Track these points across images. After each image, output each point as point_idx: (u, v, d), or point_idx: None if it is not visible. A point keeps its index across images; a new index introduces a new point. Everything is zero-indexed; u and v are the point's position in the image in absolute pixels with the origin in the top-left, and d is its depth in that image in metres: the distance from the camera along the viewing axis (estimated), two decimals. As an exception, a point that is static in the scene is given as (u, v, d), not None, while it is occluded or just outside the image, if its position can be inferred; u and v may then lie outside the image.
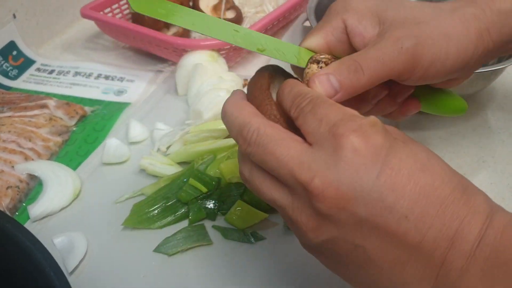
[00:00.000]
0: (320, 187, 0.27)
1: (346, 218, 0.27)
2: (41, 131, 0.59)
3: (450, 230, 0.26)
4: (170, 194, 0.50)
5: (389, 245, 0.27)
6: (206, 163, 0.52)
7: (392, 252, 0.27)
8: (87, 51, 0.81)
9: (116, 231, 0.49)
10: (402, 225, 0.27)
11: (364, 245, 0.28)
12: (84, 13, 0.74)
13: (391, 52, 0.34)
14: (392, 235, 0.27)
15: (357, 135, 0.27)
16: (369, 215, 0.27)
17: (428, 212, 0.27)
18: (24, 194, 0.53)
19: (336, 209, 0.27)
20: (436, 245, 0.26)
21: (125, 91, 0.70)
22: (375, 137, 0.28)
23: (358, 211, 0.27)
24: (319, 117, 0.29)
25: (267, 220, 0.49)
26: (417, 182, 0.27)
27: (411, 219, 0.27)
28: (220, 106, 0.57)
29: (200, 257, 0.46)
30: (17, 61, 0.75)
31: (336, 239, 0.29)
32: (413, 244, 0.27)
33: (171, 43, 0.67)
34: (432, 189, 0.27)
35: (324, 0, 0.71)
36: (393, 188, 0.27)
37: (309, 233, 0.29)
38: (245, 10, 0.85)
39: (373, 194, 0.27)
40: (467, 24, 0.36)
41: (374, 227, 0.27)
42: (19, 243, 0.33)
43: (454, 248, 0.26)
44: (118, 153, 0.56)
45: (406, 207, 0.27)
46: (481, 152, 0.58)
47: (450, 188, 0.27)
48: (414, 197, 0.27)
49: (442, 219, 0.26)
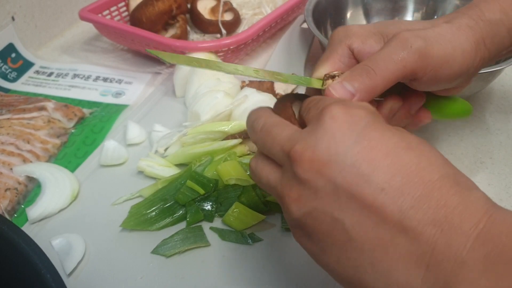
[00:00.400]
0: (298, 151, 0.29)
1: (323, 185, 0.28)
2: (39, 133, 0.59)
3: (437, 215, 0.26)
4: (168, 196, 0.50)
5: (368, 220, 0.27)
6: (203, 165, 0.52)
7: (372, 230, 0.27)
8: (86, 53, 0.81)
9: (114, 232, 0.49)
10: (379, 197, 0.27)
11: (343, 219, 0.28)
12: (82, 15, 0.74)
13: (401, 50, 0.35)
14: (370, 208, 0.27)
15: (339, 106, 0.29)
16: (344, 182, 0.27)
17: (409, 191, 0.26)
18: (22, 196, 0.53)
19: (312, 172, 0.28)
20: (421, 229, 0.26)
21: (123, 93, 0.70)
22: (356, 110, 0.29)
23: (334, 176, 0.28)
24: (319, 107, 0.31)
25: (264, 221, 0.49)
26: (398, 159, 0.27)
27: (389, 192, 0.26)
28: (217, 108, 0.58)
29: (198, 259, 0.46)
30: (16, 64, 0.76)
31: (315, 211, 0.29)
32: (393, 222, 0.26)
33: (169, 45, 0.67)
34: (416, 169, 0.27)
35: (322, 2, 0.71)
36: (368, 159, 0.27)
37: (292, 205, 0.30)
38: (243, 12, 0.85)
39: (347, 161, 0.27)
40: (464, 33, 0.37)
41: (351, 197, 0.27)
42: (15, 246, 0.33)
43: (445, 236, 0.25)
44: (116, 155, 0.56)
45: (383, 180, 0.27)
46: (479, 154, 0.58)
47: (438, 173, 0.27)
48: (392, 171, 0.27)
49: (426, 202, 0.26)
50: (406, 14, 0.77)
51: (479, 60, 0.38)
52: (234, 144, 0.54)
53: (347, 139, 0.28)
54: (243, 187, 0.50)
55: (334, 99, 0.31)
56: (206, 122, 0.57)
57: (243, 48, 0.71)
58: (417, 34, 0.36)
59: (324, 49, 0.66)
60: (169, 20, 0.76)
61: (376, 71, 0.35)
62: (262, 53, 0.80)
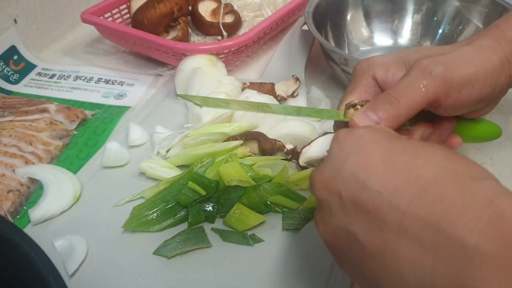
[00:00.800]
0: (312, 177, 0.32)
1: (334, 200, 0.30)
2: (41, 135, 0.59)
3: (433, 210, 0.25)
4: (169, 197, 0.50)
5: (373, 225, 0.27)
6: (205, 166, 0.53)
7: (378, 235, 0.27)
8: (88, 56, 0.82)
9: (116, 234, 0.49)
10: (377, 201, 0.27)
11: (354, 231, 0.29)
12: (84, 18, 0.75)
13: (422, 78, 0.36)
14: (371, 213, 0.27)
15: (344, 130, 0.32)
16: (347, 192, 0.29)
17: (404, 190, 0.27)
18: (25, 197, 0.54)
19: (323, 190, 0.31)
20: (420, 226, 0.25)
21: (125, 95, 0.71)
22: (357, 130, 0.31)
23: (338, 189, 0.29)
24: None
25: (265, 222, 0.49)
26: (393, 162, 0.28)
27: (384, 194, 0.27)
28: (219, 109, 0.58)
29: (199, 260, 0.46)
30: (18, 66, 0.76)
31: (335, 229, 0.30)
32: (393, 222, 0.26)
33: (171, 47, 0.68)
34: (411, 168, 0.27)
35: (322, 4, 0.71)
36: (364, 166, 0.28)
37: (319, 228, 0.32)
38: (244, 14, 0.85)
39: (347, 172, 0.29)
40: (486, 54, 0.38)
41: (355, 205, 0.28)
42: (17, 247, 0.33)
43: (445, 231, 0.24)
44: (118, 157, 0.57)
45: (378, 183, 0.27)
46: (479, 155, 0.58)
47: (434, 170, 0.27)
48: (387, 174, 0.27)
49: (422, 198, 0.26)
50: (406, 16, 0.77)
51: (504, 78, 0.38)
52: (235, 146, 0.54)
53: (347, 153, 0.30)
54: (244, 188, 0.50)
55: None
56: (208, 123, 0.57)
57: (244, 50, 0.71)
58: (437, 60, 0.36)
59: (324, 51, 0.67)
60: (170, 22, 0.77)
61: (399, 99, 0.35)
62: (263, 55, 0.80)
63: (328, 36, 0.74)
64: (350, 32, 0.77)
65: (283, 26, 0.83)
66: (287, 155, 0.55)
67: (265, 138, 0.55)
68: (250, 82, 0.65)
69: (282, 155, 0.55)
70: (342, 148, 0.30)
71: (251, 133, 0.56)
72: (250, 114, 0.57)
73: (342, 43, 0.76)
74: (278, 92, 0.63)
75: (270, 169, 0.53)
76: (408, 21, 0.77)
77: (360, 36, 0.78)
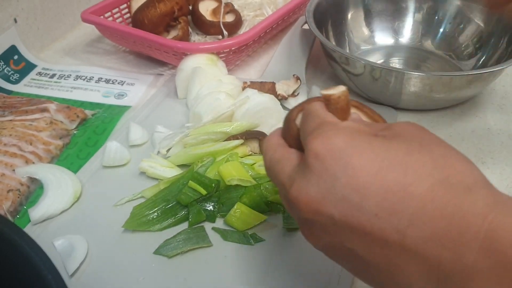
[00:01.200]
0: (294, 195, 0.30)
1: (325, 221, 0.28)
2: (41, 134, 0.59)
3: (434, 229, 0.25)
4: (170, 197, 0.50)
5: (374, 244, 0.27)
6: (205, 165, 0.53)
7: (381, 252, 0.27)
8: (88, 55, 0.82)
9: (116, 233, 0.49)
10: (375, 224, 0.26)
11: (353, 248, 0.28)
12: (84, 17, 0.74)
13: None
14: (371, 234, 0.27)
15: (318, 141, 0.29)
16: (341, 216, 0.27)
17: (402, 210, 0.26)
18: (25, 197, 0.53)
19: (312, 213, 0.29)
20: (422, 246, 0.25)
21: (126, 94, 0.70)
22: (334, 140, 0.29)
23: (331, 212, 0.28)
24: (304, 131, 0.32)
25: (266, 222, 0.49)
26: (385, 181, 0.27)
27: (383, 216, 0.26)
28: (219, 109, 0.58)
29: (200, 259, 0.46)
30: (18, 66, 0.76)
31: (330, 244, 0.30)
32: (395, 243, 0.26)
33: (171, 46, 0.68)
34: (404, 185, 0.26)
35: (323, 3, 0.71)
36: (356, 188, 0.27)
37: (309, 240, 0.31)
38: (244, 13, 0.85)
39: (338, 195, 0.27)
40: None
41: (352, 228, 0.27)
42: (17, 247, 0.33)
43: (446, 250, 0.25)
44: (119, 156, 0.57)
45: (375, 205, 0.26)
46: (480, 154, 0.58)
47: (428, 183, 0.26)
48: (381, 195, 0.26)
49: (421, 218, 0.25)
50: (407, 15, 0.77)
51: None
52: (236, 145, 0.54)
53: (333, 173, 0.28)
54: (245, 188, 0.50)
55: (314, 127, 0.31)
56: (208, 123, 0.57)
57: (244, 49, 0.71)
58: None
59: (325, 50, 0.66)
60: (170, 21, 0.77)
61: None
62: (263, 54, 0.80)
63: (329, 35, 0.73)
64: (351, 31, 0.77)
65: (284, 25, 0.83)
66: (287, 154, 0.55)
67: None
68: (250, 82, 0.65)
69: (283, 155, 0.55)
70: (326, 168, 0.28)
71: (252, 132, 0.56)
72: (251, 113, 0.57)
73: (343, 42, 0.76)
74: (278, 92, 0.63)
75: (270, 169, 0.53)
76: (409, 20, 0.77)
77: (361, 35, 0.78)
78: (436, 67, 0.73)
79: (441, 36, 0.75)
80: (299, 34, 0.77)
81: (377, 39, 0.78)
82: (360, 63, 0.60)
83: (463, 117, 0.64)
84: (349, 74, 0.63)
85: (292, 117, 0.35)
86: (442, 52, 0.75)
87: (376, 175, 0.27)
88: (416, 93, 0.59)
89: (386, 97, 0.63)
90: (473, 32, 0.72)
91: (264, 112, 0.58)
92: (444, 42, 0.75)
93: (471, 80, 0.58)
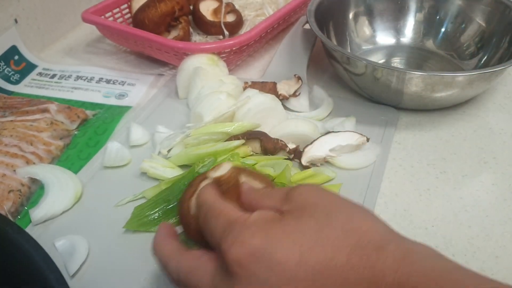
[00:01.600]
0: None
1: None
2: (42, 135, 0.59)
3: None
4: (171, 197, 0.50)
5: None
6: (206, 166, 0.52)
7: None
8: (89, 55, 0.82)
9: (117, 234, 0.49)
10: None
11: None
12: (85, 17, 0.74)
13: None
14: None
15: (236, 248, 0.29)
16: None
17: (331, 285, 0.27)
18: (26, 198, 0.53)
19: None
20: None
21: (126, 94, 0.70)
22: (251, 242, 0.29)
23: None
24: (212, 233, 0.32)
25: (268, 222, 0.49)
26: (308, 264, 0.28)
27: None
28: (220, 109, 0.58)
29: (201, 260, 0.46)
30: (19, 66, 0.76)
31: None
32: None
33: (172, 47, 0.67)
34: (326, 262, 0.28)
35: (324, 2, 0.71)
36: (287, 282, 0.28)
37: None
38: (245, 13, 0.85)
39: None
40: None
41: None
42: (19, 247, 0.33)
43: None
44: (119, 157, 0.56)
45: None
46: (482, 154, 0.58)
47: (344, 254, 0.28)
48: (310, 278, 0.28)
49: (347, 286, 0.27)
50: (409, 14, 0.77)
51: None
52: (237, 145, 0.54)
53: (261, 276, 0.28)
54: (246, 188, 0.50)
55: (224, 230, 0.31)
56: (209, 123, 0.57)
57: (245, 49, 0.71)
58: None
59: (326, 49, 0.66)
60: (171, 21, 0.76)
61: None
62: (265, 54, 0.80)
63: (330, 35, 0.73)
64: (352, 31, 0.77)
65: (285, 25, 0.82)
66: (289, 154, 0.55)
67: (267, 137, 0.55)
68: (251, 82, 0.65)
69: (284, 155, 0.55)
70: (253, 272, 0.28)
71: (253, 132, 0.56)
72: (252, 113, 0.57)
73: (344, 42, 0.76)
74: (280, 91, 0.63)
75: (272, 169, 0.53)
76: (410, 20, 0.77)
77: (362, 35, 0.77)
78: (438, 67, 0.73)
79: (442, 36, 0.75)
80: (300, 34, 0.77)
81: (378, 39, 0.78)
82: (362, 63, 0.60)
83: (465, 117, 0.64)
84: (351, 74, 0.63)
85: (184, 207, 0.36)
86: (443, 51, 0.75)
87: (299, 263, 0.28)
88: (417, 93, 0.59)
89: (388, 97, 0.63)
90: (475, 32, 0.72)
91: (265, 112, 0.58)
92: (445, 42, 0.75)
93: (473, 79, 0.58)
